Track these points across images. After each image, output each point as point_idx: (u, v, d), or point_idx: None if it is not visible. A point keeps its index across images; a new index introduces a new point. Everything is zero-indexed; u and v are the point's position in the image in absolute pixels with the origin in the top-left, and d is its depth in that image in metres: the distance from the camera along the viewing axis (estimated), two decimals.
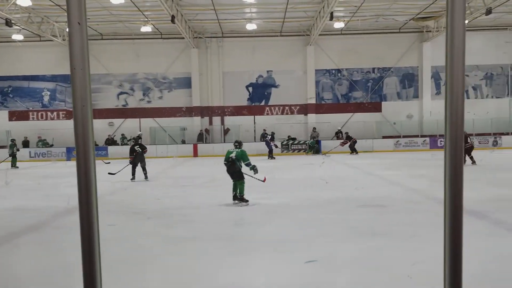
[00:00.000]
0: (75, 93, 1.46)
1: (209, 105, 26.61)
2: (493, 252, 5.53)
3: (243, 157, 8.80)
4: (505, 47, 26.68)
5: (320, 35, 24.43)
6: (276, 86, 26.83)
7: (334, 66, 26.79)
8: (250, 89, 26.87)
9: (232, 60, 26.44)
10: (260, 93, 26.89)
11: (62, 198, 10.14)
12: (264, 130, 24.81)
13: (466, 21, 22.53)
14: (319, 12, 21.75)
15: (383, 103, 27.15)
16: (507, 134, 25.70)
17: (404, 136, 25.53)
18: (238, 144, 9.13)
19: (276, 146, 22.57)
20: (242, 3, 20.60)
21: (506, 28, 26.29)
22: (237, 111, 26.72)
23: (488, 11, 19.66)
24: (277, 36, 26.30)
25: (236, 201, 8.84)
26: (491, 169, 15.21)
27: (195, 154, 24.07)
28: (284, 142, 24.74)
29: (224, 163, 8.96)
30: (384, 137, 25.67)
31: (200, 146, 24.16)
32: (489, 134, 25.71)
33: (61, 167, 19.56)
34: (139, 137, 22.58)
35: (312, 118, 26.58)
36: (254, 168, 8.84)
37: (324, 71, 26.87)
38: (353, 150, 23.55)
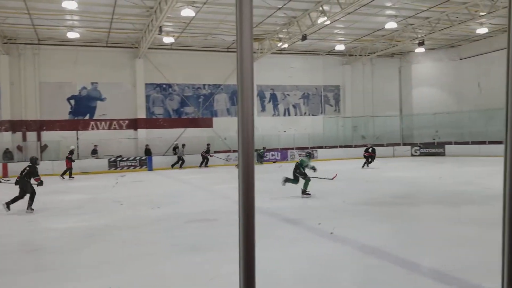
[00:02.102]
0: None
1: (22, 119, 23.55)
2: (307, 256, 5.87)
3: (303, 162, 11.70)
4: (318, 70, 29.98)
5: (150, 48, 23.92)
6: (102, 99, 25.23)
7: (165, 81, 26.50)
8: (72, 101, 24.69)
9: (51, 70, 23.95)
10: (84, 107, 24.88)
11: None
12: (208, 145, 25.35)
13: (286, 45, 24.80)
14: (148, 25, 21.28)
15: (214, 118, 27.86)
16: (321, 147, 28.77)
17: (234, 151, 26.48)
18: (309, 154, 12.32)
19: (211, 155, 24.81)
20: (62, 9, 18.84)
21: (319, 53, 29.62)
22: (57, 125, 24.26)
23: (304, 37, 21.83)
24: (103, 46, 24.88)
25: (304, 195, 11.35)
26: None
27: (4, 174, 20.95)
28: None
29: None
30: (216, 152, 26.24)
31: (11, 165, 21.11)
32: (307, 148, 28.43)
33: None
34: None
35: (142, 133, 25.72)
36: (313, 168, 11.64)
37: (155, 85, 26.36)
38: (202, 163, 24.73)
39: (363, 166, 20.71)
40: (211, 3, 18.61)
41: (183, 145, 24.87)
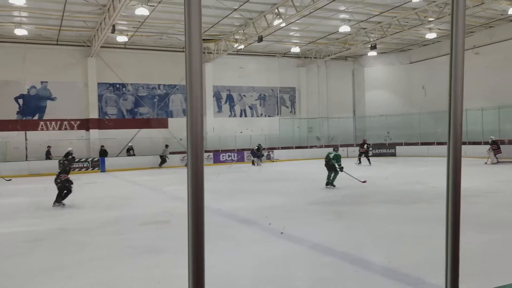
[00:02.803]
0: None
1: None
2: (261, 256, 5.89)
3: (337, 158, 12.56)
4: (274, 72, 30.21)
5: (103, 47, 23.27)
6: (52, 99, 24.27)
7: (119, 80, 25.85)
8: (21, 101, 23.61)
9: None
10: (33, 106, 23.84)
11: None
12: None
13: (242, 46, 24.82)
14: (100, 23, 20.69)
15: (169, 119, 27.45)
16: (277, 148, 29.02)
17: None
18: (337, 149, 13.35)
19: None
20: (9, 5, 17.96)
21: (275, 55, 29.87)
22: (4, 126, 23.11)
23: (260, 39, 21.91)
24: (53, 44, 23.95)
25: (328, 186, 12.56)
26: (261, 180, 16.77)
27: None
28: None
29: (325, 160, 12.89)
30: (171, 153, 25.88)
31: None
32: (264, 149, 28.56)
33: None
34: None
35: (94, 134, 24.96)
36: (341, 169, 12.55)
37: (108, 85, 25.65)
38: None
39: (359, 163, 22.54)
40: (166, 2, 18.34)
41: (166, 146, 25.21)
